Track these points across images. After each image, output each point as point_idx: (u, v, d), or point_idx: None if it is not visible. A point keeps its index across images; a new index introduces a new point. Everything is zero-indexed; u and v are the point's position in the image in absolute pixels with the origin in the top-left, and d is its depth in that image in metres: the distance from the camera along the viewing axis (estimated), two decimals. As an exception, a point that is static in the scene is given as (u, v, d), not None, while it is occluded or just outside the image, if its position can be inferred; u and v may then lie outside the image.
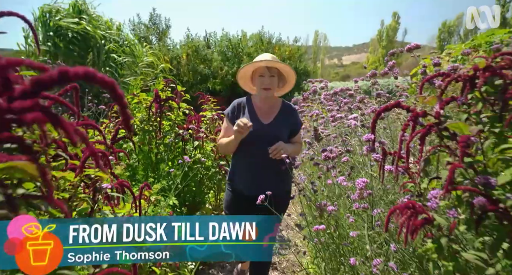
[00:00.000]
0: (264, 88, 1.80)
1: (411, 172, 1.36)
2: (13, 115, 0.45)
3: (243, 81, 1.99)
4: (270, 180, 1.79)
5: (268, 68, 1.79)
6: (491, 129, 1.09)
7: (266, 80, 1.79)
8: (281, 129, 1.82)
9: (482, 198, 0.97)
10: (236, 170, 1.90)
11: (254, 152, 1.79)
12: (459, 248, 1.08)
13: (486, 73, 1.12)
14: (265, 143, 1.74)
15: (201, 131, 2.75)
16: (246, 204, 1.79)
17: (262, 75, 1.80)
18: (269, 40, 10.85)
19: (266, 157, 1.74)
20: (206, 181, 2.92)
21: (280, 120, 1.85)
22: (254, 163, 1.81)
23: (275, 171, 1.79)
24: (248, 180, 1.83)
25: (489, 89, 1.14)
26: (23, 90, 0.44)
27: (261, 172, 1.80)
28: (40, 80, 0.43)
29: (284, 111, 1.88)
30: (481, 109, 1.14)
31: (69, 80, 0.44)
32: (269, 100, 1.88)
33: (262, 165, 1.79)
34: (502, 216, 0.96)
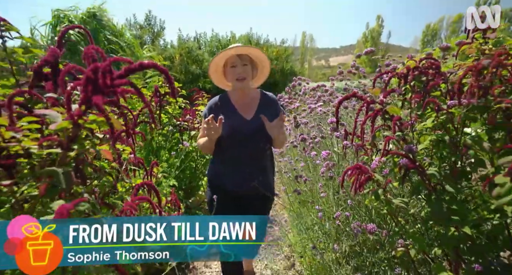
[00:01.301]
0: (238, 78, 1.67)
1: (365, 147, 1.75)
2: (112, 88, 0.81)
3: (215, 77, 1.85)
4: (256, 176, 1.75)
5: (239, 57, 1.67)
6: (416, 113, 1.50)
7: (239, 70, 1.67)
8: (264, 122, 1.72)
9: (406, 160, 1.37)
10: (222, 167, 1.80)
11: (239, 150, 1.71)
12: (391, 197, 1.47)
13: (415, 72, 1.54)
14: (249, 138, 1.69)
15: (197, 122, 3.10)
16: (231, 200, 1.77)
17: (233, 65, 1.68)
18: (257, 41, 11.28)
19: (251, 153, 1.72)
20: (201, 167, 3.27)
21: (262, 112, 1.73)
22: (239, 159, 1.73)
23: (261, 167, 1.76)
24: (235, 176, 1.75)
25: (417, 83, 1.54)
26: (119, 74, 0.80)
27: (246, 168, 1.74)
28: (129, 68, 0.80)
29: (265, 103, 1.79)
30: (411, 97, 1.54)
31: (144, 68, 0.80)
32: (247, 93, 1.76)
33: (247, 161, 1.73)
34: (419, 172, 1.36)
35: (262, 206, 1.79)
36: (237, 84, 1.69)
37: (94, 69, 0.77)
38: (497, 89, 1.33)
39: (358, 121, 1.61)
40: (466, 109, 1.39)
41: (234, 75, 1.68)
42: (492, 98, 1.34)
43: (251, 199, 1.77)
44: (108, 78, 0.79)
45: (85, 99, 0.79)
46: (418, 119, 1.52)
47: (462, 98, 1.35)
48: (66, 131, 0.81)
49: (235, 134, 1.68)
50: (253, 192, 1.73)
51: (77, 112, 0.80)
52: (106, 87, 0.79)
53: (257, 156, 1.74)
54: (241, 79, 1.68)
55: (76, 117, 0.79)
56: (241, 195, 1.77)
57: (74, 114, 0.79)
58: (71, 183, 0.78)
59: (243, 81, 1.68)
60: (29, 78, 1.07)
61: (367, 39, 40.53)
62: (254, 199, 1.77)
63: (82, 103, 0.80)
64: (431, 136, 1.43)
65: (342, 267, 1.91)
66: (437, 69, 1.52)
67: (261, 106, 1.77)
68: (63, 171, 0.77)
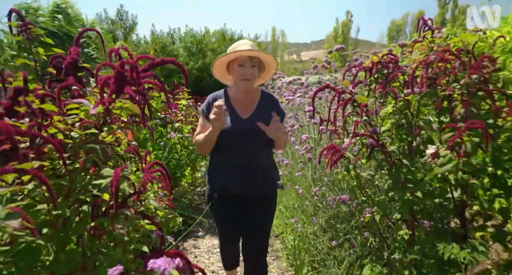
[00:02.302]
0: (245, 79, 1.62)
1: (338, 131, 2.00)
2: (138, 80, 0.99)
3: (218, 71, 1.80)
4: (256, 178, 1.69)
5: (250, 58, 1.62)
6: (379, 101, 1.77)
7: (247, 71, 1.61)
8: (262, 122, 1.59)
9: (371, 140, 1.64)
10: (217, 170, 1.75)
11: (235, 149, 1.66)
12: (360, 171, 1.75)
13: (378, 66, 1.81)
14: (246, 139, 1.63)
15: (180, 114, 3.26)
16: (229, 200, 1.72)
17: (242, 65, 1.62)
18: (231, 36, 11.40)
19: (249, 154, 1.67)
20: (184, 158, 3.44)
21: (260, 113, 1.68)
22: (236, 161, 1.67)
23: (259, 166, 1.71)
24: (232, 179, 1.68)
25: (380, 76, 1.81)
26: (143, 68, 0.99)
27: (245, 170, 1.67)
28: (152, 63, 0.98)
29: (264, 102, 1.73)
30: (375, 88, 1.81)
31: (164, 63, 0.99)
32: (248, 92, 1.71)
33: (245, 163, 1.67)
34: (382, 150, 1.63)
35: (262, 206, 1.74)
36: (242, 84, 1.64)
37: (122, 65, 0.96)
38: (443, 80, 1.63)
39: (331, 110, 1.84)
40: (419, 97, 1.69)
41: (241, 75, 1.62)
42: (439, 87, 1.64)
43: (250, 199, 1.71)
44: (134, 72, 0.98)
45: (116, 89, 0.97)
46: (381, 106, 1.80)
47: (415, 88, 1.64)
48: (98, 115, 0.98)
49: (231, 133, 1.62)
50: (251, 192, 1.70)
51: (107, 100, 0.97)
52: (133, 79, 0.98)
53: (254, 155, 1.68)
54: (247, 80, 1.62)
55: (107, 104, 0.97)
56: (239, 195, 1.71)
57: (105, 102, 0.97)
58: (107, 156, 0.97)
59: (248, 82, 1.63)
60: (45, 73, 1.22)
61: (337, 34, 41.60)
62: (253, 199, 1.71)
63: (112, 93, 0.97)
64: (391, 120, 1.71)
65: (319, 238, 2.18)
66: (396, 63, 1.80)
67: (260, 106, 1.72)
68: (100, 147, 0.95)
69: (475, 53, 1.72)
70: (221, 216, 1.79)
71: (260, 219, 1.75)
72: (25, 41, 1.19)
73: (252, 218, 1.74)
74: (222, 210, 1.76)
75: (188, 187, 4.03)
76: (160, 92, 3.28)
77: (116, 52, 1.01)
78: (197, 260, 2.50)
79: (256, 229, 1.75)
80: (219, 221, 1.84)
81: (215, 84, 10.26)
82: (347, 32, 41.59)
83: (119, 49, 1.01)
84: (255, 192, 1.70)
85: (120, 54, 1.02)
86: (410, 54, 1.91)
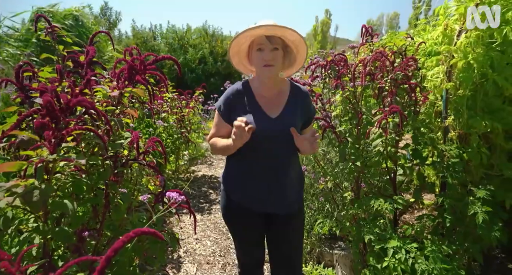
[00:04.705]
0: (265, 65, 1.31)
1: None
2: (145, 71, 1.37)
3: (237, 59, 1.48)
4: (285, 192, 1.41)
5: (268, 38, 1.30)
6: (331, 91, 2.22)
7: (266, 55, 1.30)
8: (293, 124, 1.35)
9: (324, 122, 2.07)
10: (237, 180, 1.45)
11: (261, 156, 1.37)
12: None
13: (331, 63, 2.25)
14: (272, 142, 1.35)
15: (166, 105, 3.60)
16: (256, 222, 1.44)
17: (261, 48, 1.32)
18: (213, 33, 11.71)
19: (273, 161, 1.37)
20: (170, 145, 3.79)
21: (291, 110, 1.39)
22: (261, 170, 1.38)
23: (284, 178, 1.39)
24: (258, 193, 1.39)
25: (333, 71, 2.25)
26: (149, 62, 1.37)
27: (266, 180, 1.38)
28: (156, 59, 1.37)
29: (295, 98, 1.43)
30: (329, 81, 2.26)
31: (164, 59, 1.38)
32: (274, 84, 1.39)
33: (266, 171, 1.38)
34: (332, 130, 2.07)
35: (286, 226, 1.46)
36: (263, 72, 1.33)
37: (133, 60, 1.33)
38: (379, 75, 2.09)
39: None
40: (362, 88, 2.14)
41: (260, 61, 1.32)
42: (376, 81, 2.10)
43: (271, 218, 1.46)
44: (142, 65, 1.36)
45: (128, 77, 1.34)
46: (333, 96, 2.24)
47: (358, 81, 2.09)
48: (114, 97, 1.36)
49: (255, 135, 1.28)
50: (273, 209, 1.42)
51: (121, 86, 1.35)
52: (141, 70, 1.36)
53: (280, 164, 1.38)
54: (268, 66, 1.31)
55: (121, 89, 1.35)
56: (258, 213, 1.43)
57: (120, 87, 1.34)
58: (122, 126, 1.35)
59: (270, 68, 1.31)
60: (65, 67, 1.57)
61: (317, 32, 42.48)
62: (275, 217, 1.45)
63: (125, 80, 1.35)
64: (340, 107, 2.15)
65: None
66: (345, 62, 2.25)
67: (290, 102, 1.40)
68: (117, 119, 1.32)
69: (407, 54, 2.20)
70: (242, 234, 1.52)
71: (292, 237, 1.47)
72: (52, 40, 1.54)
73: (282, 237, 1.47)
74: (243, 227, 1.49)
75: (172, 174, 4.38)
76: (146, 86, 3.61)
77: (129, 51, 1.39)
78: (182, 231, 2.89)
79: (288, 250, 1.49)
80: (238, 237, 1.55)
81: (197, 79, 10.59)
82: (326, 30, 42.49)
83: (132, 49, 1.39)
84: (284, 210, 1.42)
85: (131, 52, 1.39)
86: (356, 55, 2.37)
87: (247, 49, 1.42)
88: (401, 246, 1.65)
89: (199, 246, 2.64)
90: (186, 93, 4.37)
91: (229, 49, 1.43)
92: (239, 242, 1.55)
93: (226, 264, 2.37)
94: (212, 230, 2.95)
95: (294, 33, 1.32)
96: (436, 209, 1.91)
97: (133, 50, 1.40)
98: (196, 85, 5.45)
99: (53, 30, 1.54)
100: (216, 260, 2.42)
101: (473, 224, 1.63)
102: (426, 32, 2.21)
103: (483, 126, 1.64)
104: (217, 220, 3.16)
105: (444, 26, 1.78)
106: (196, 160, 5.39)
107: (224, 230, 2.95)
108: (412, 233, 1.89)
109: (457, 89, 1.75)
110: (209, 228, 2.98)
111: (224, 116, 1.40)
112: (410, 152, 2.00)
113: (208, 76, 11.01)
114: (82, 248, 1.04)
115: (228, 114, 1.39)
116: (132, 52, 1.40)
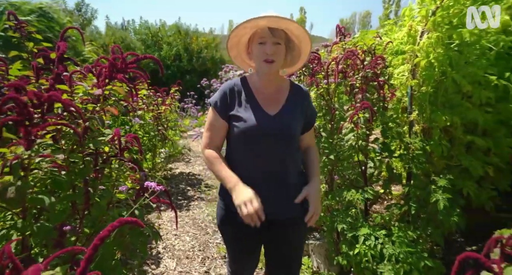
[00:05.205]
0: (266, 60, 1.22)
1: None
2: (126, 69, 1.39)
3: (235, 52, 1.39)
4: (286, 195, 1.30)
5: (271, 31, 1.21)
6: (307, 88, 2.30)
7: (268, 49, 1.21)
8: (293, 122, 1.29)
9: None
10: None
11: (259, 156, 1.27)
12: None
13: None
14: (274, 142, 1.26)
15: (142, 103, 3.56)
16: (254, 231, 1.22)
17: (262, 41, 1.23)
18: (186, 30, 11.57)
19: (277, 163, 1.28)
20: (147, 142, 3.76)
21: (291, 109, 1.31)
22: (260, 172, 1.28)
23: (291, 181, 1.31)
24: (260, 198, 1.21)
25: (308, 69, 2.34)
26: (130, 61, 1.39)
27: (272, 185, 1.28)
28: (137, 58, 1.38)
29: (295, 96, 1.34)
30: (303, 79, 2.34)
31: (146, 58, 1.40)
32: (273, 81, 1.32)
33: (273, 175, 1.28)
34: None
35: (287, 227, 1.34)
36: (263, 67, 1.24)
37: (114, 58, 1.35)
38: (351, 73, 2.20)
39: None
40: (335, 85, 2.24)
41: (261, 55, 1.23)
42: (348, 79, 2.21)
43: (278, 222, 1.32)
44: (123, 64, 1.37)
45: (109, 75, 1.35)
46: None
47: (331, 79, 2.19)
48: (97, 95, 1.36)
49: (253, 134, 1.23)
50: (280, 214, 1.30)
51: (102, 84, 1.36)
52: (122, 69, 1.37)
53: (285, 163, 1.29)
54: (270, 62, 1.22)
55: (102, 86, 1.35)
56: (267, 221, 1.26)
57: (101, 85, 1.35)
58: (103, 123, 1.36)
59: (271, 64, 1.23)
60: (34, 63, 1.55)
61: (291, 30, 42.95)
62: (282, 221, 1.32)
63: (106, 78, 1.36)
64: (314, 103, 2.24)
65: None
66: (319, 60, 2.34)
67: (290, 100, 1.32)
68: (98, 116, 1.33)
69: (376, 53, 2.32)
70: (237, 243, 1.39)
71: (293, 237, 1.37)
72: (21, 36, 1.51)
73: (282, 238, 1.37)
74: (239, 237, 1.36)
75: (148, 172, 4.34)
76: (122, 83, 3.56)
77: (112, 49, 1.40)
78: (160, 228, 2.89)
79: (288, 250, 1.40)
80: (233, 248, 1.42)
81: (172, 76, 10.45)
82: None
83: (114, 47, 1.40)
84: (285, 215, 1.30)
85: (114, 50, 1.40)
86: (330, 53, 2.47)
87: (247, 42, 1.33)
88: (371, 233, 1.77)
89: (178, 241, 2.67)
90: (162, 91, 4.34)
91: (228, 40, 1.33)
92: (232, 252, 1.44)
93: (206, 258, 2.41)
94: (191, 225, 2.97)
95: (299, 27, 1.25)
96: (403, 198, 2.05)
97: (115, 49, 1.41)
98: (171, 83, 5.40)
99: (21, 26, 1.52)
100: (195, 255, 2.45)
101: (435, 211, 1.77)
102: (393, 32, 2.34)
103: (444, 120, 1.78)
104: (195, 216, 3.18)
105: (409, 27, 1.90)
106: (173, 158, 5.36)
107: (203, 225, 2.98)
108: (381, 222, 2.02)
109: (421, 86, 1.88)
110: (187, 224, 3.01)
111: (221, 112, 1.30)
112: (380, 145, 2.13)
113: (184, 74, 10.88)
114: (63, 243, 1.05)
115: (225, 111, 1.29)
116: (114, 50, 1.41)
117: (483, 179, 1.93)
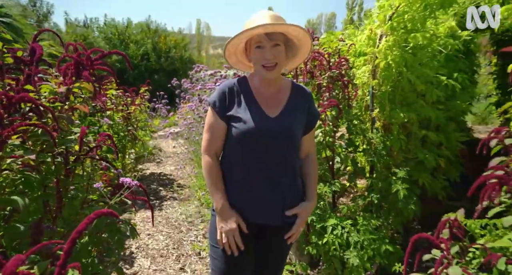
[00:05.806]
0: (266, 66, 1.16)
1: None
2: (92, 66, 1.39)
3: (234, 59, 1.34)
4: (283, 200, 1.26)
5: (267, 35, 1.16)
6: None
7: (267, 53, 1.16)
8: (294, 124, 1.25)
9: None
10: (229, 183, 1.27)
11: (257, 158, 1.23)
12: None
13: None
14: (273, 145, 1.22)
15: (111, 103, 3.49)
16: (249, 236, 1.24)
17: (260, 46, 1.17)
18: (156, 28, 11.34)
19: (277, 166, 1.24)
20: (116, 143, 3.68)
21: (292, 111, 1.26)
22: (257, 175, 1.24)
23: (290, 186, 1.27)
24: (254, 201, 1.24)
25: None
26: (95, 58, 1.39)
27: (269, 190, 1.24)
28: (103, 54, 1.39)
29: (296, 97, 1.30)
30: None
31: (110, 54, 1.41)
32: (274, 81, 1.27)
33: (272, 178, 1.24)
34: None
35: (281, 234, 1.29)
36: (263, 73, 1.19)
37: (79, 55, 1.35)
38: (318, 73, 2.31)
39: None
40: (304, 84, 2.35)
41: (260, 60, 1.17)
42: (316, 78, 2.32)
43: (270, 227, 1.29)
44: (89, 61, 1.38)
45: (75, 73, 1.35)
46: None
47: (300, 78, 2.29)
48: (62, 93, 1.35)
49: (252, 136, 1.19)
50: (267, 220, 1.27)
51: (69, 82, 1.35)
52: (88, 66, 1.37)
53: (283, 167, 1.25)
54: (269, 68, 1.16)
55: (69, 84, 1.35)
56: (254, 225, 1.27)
57: (68, 83, 1.35)
58: (72, 122, 1.36)
59: (272, 70, 1.17)
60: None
61: (260, 30, 43.18)
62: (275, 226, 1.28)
63: (72, 76, 1.35)
64: (284, 102, 2.34)
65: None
66: (287, 60, 2.44)
67: (291, 102, 1.28)
68: (66, 115, 1.33)
69: (340, 55, 2.46)
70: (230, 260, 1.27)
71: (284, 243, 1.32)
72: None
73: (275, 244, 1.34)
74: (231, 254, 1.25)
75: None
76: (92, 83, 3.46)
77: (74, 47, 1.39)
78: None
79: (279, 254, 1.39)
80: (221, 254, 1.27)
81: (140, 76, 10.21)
82: (270, 28, 43.43)
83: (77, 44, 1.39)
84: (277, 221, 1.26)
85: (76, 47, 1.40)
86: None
87: (243, 46, 1.27)
88: (338, 223, 1.88)
89: (152, 241, 2.66)
90: (131, 91, 4.26)
91: (225, 51, 1.27)
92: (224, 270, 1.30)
93: (180, 255, 2.43)
94: (164, 225, 2.97)
95: (297, 29, 1.18)
96: (367, 190, 2.19)
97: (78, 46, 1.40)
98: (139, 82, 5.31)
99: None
100: (169, 253, 2.46)
101: (396, 200, 1.92)
102: (355, 35, 2.49)
103: (402, 117, 1.94)
104: (168, 215, 3.18)
105: (369, 31, 2.04)
106: (143, 158, 5.27)
107: (176, 224, 2.99)
108: (348, 213, 2.15)
109: (381, 86, 2.03)
110: (161, 223, 3.00)
111: (220, 113, 1.24)
112: (346, 141, 2.26)
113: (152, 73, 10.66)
114: (40, 241, 1.05)
115: (224, 111, 1.24)
116: (77, 47, 1.40)
117: (436, 170, 2.11)
